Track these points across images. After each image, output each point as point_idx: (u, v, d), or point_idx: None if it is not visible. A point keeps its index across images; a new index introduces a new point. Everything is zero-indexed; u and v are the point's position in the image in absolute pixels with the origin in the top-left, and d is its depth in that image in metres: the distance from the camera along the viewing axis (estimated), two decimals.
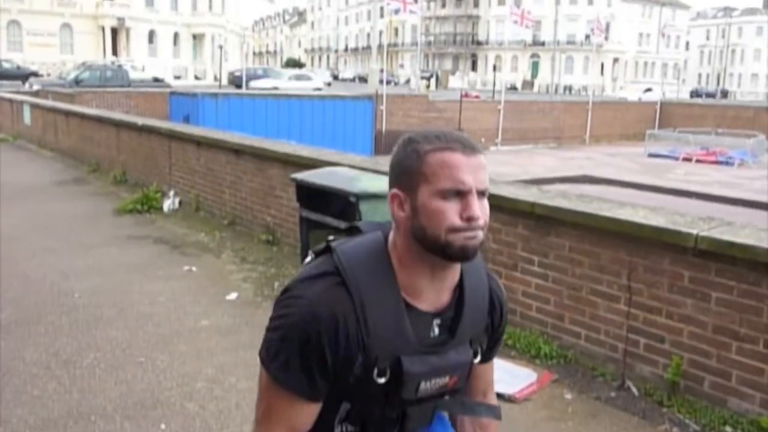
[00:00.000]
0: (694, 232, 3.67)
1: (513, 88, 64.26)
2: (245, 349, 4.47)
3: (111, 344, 4.52)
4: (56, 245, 6.97)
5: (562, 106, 35.96)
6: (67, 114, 14.19)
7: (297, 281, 1.35)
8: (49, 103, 17.16)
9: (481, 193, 1.30)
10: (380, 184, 4.84)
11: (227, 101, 19.40)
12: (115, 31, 55.11)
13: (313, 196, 5.16)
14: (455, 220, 1.28)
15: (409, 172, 1.31)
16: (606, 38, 76.87)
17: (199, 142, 8.77)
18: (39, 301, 5.29)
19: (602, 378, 4.13)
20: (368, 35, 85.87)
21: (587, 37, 73.72)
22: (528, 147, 31.54)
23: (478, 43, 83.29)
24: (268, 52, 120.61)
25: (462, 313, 1.40)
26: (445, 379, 1.39)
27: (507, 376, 4.04)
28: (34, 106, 16.67)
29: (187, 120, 17.82)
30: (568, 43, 76.30)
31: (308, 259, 1.43)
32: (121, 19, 54.43)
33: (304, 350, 1.30)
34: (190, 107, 18.89)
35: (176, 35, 59.41)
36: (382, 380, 1.33)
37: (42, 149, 15.22)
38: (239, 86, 32.80)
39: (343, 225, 4.97)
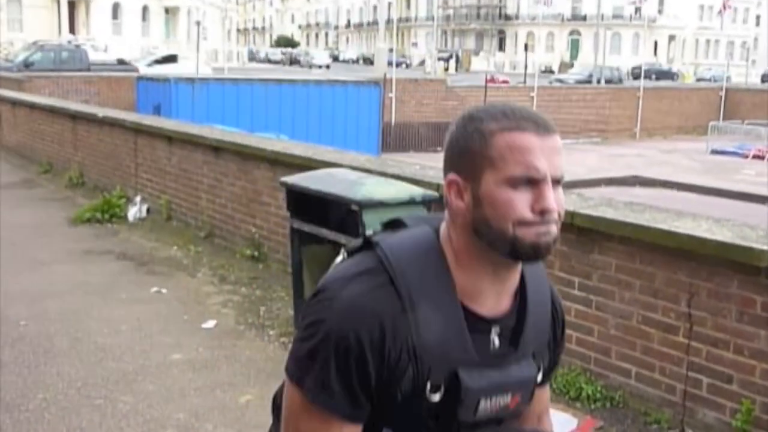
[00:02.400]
0: None
1: (548, 71, 64.26)
2: (224, 389, 4.44)
3: (63, 383, 4.50)
4: None
5: (608, 93, 35.96)
6: (14, 103, 14.26)
7: (331, 280, 1.34)
8: None
9: (556, 182, 1.31)
10: (388, 189, 4.82)
11: (205, 88, 19.49)
12: (72, 5, 55.42)
13: (307, 204, 5.15)
14: (526, 213, 1.29)
15: (470, 155, 1.32)
16: (660, 11, 76.90)
17: (172, 138, 8.78)
18: None
19: (657, 425, 4.10)
20: (375, 8, 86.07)
21: (637, 10, 73.73)
22: (567, 142, 31.46)
23: (507, 18, 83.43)
24: (255, 28, 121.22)
25: (525, 322, 1.41)
26: (506, 398, 1.39)
27: None
28: None
29: (157, 111, 17.88)
30: (615, 17, 76.35)
31: (339, 258, 1.43)
32: None
33: (344, 361, 1.28)
34: (161, 95, 18.96)
35: (145, 9, 59.68)
36: (436, 397, 1.33)
37: None
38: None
39: (343, 239, 4.97)
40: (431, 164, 5.95)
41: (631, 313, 4.24)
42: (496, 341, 1.37)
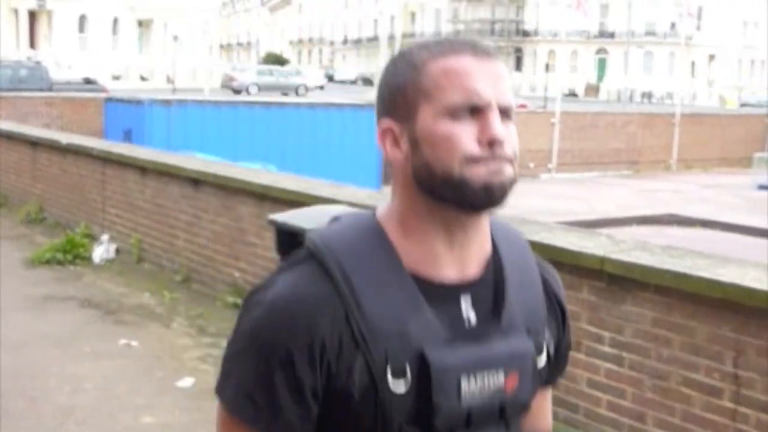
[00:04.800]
0: None
1: (572, 94, 64.74)
2: None
3: None
4: None
5: (640, 119, 36.12)
6: None
7: (263, 280, 1.35)
8: None
9: (504, 112, 1.29)
10: None
11: (183, 110, 19.60)
12: (33, 16, 55.91)
13: (298, 245, 5.16)
14: (472, 146, 1.27)
15: (402, 91, 1.30)
16: (698, 27, 77.55)
17: (145, 169, 8.81)
18: None
19: None
20: (375, 22, 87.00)
21: (673, 26, 74.37)
22: (593, 175, 31.62)
23: (525, 34, 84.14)
24: (239, 44, 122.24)
25: (504, 288, 1.36)
26: (498, 377, 1.31)
27: None
28: None
29: (128, 137, 17.94)
30: (647, 33, 77.02)
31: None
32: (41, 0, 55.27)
33: (267, 367, 1.26)
34: (132, 119, 19.05)
35: (115, 21, 60.20)
36: (401, 387, 1.26)
37: None
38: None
39: None
40: None
41: (669, 374, 4.22)
42: (471, 315, 1.32)
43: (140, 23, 61.83)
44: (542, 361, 1.41)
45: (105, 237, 9.14)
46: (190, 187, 8.03)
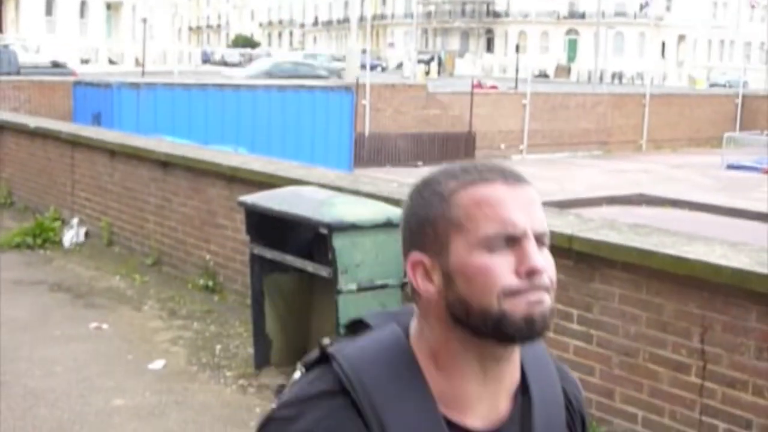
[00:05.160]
0: None
1: (543, 75, 64.83)
2: None
3: None
4: None
5: (610, 100, 36.29)
6: None
7: (283, 406, 1.27)
8: None
9: (539, 240, 1.23)
10: (362, 210, 4.84)
11: (152, 93, 19.45)
12: None
13: (269, 227, 5.16)
14: (510, 279, 1.21)
15: (432, 223, 1.24)
16: (668, 8, 77.89)
17: (114, 152, 8.76)
18: None
19: None
20: (346, 3, 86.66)
21: (642, 7, 74.64)
22: (564, 155, 31.76)
23: (496, 15, 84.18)
24: (209, 26, 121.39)
25: (531, 428, 1.31)
26: None
27: None
28: None
29: (97, 120, 17.80)
30: (617, 14, 77.25)
31: (296, 375, 1.34)
32: None
33: None
34: (101, 102, 18.89)
35: (83, 5, 59.57)
36: None
37: None
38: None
39: (310, 266, 4.98)
40: (411, 181, 5.97)
41: (637, 350, 4.26)
42: None
43: (108, 6, 61.23)
44: None
45: (75, 221, 9.08)
46: (160, 170, 7.99)
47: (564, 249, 4.49)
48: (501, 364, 1.27)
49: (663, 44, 78.59)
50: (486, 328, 1.22)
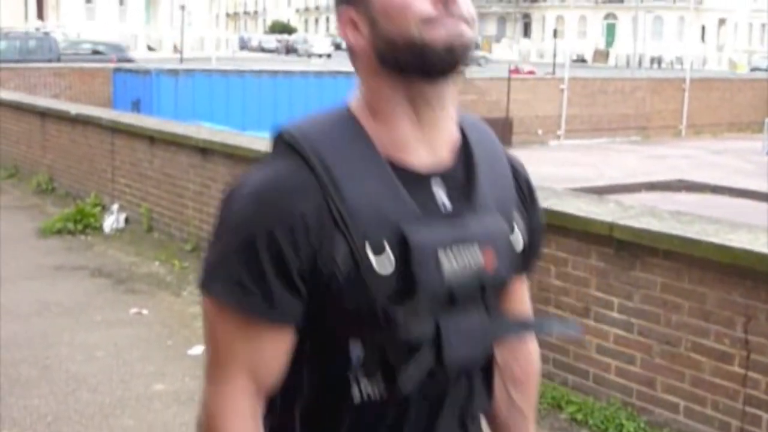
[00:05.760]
0: None
1: (581, 60, 64.29)
2: None
3: (31, 417, 4.50)
4: None
5: (649, 85, 35.90)
6: None
7: (238, 179, 1.39)
8: None
9: None
10: None
11: (191, 79, 19.56)
12: None
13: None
14: (425, 7, 1.31)
15: None
16: None
17: (153, 138, 8.80)
18: None
19: None
20: None
21: None
22: (602, 141, 31.48)
23: (533, 0, 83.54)
24: (246, 12, 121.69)
25: (475, 172, 1.42)
26: (476, 253, 1.36)
27: None
28: None
29: (137, 107, 17.95)
30: None
31: None
32: None
33: (254, 254, 1.30)
34: (141, 89, 19.03)
35: None
36: (382, 264, 1.30)
37: None
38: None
39: None
40: None
41: (679, 339, 4.22)
42: (444, 199, 1.38)
43: None
44: (518, 243, 1.47)
45: (115, 207, 9.15)
46: (199, 157, 8.02)
47: (604, 237, 4.46)
48: (433, 107, 1.37)
49: (703, 28, 77.63)
50: (411, 60, 1.32)
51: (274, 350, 1.35)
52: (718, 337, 4.08)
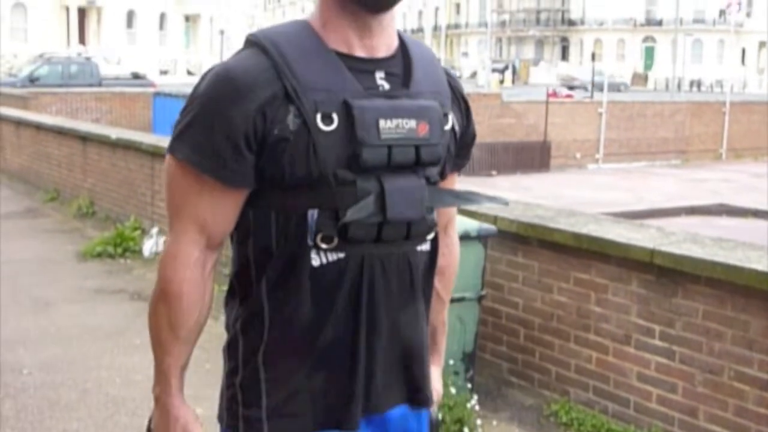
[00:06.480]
0: None
1: (618, 87, 63.89)
2: None
3: None
4: None
5: (689, 108, 35.65)
6: (18, 123, 14.52)
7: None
8: None
9: None
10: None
11: None
12: (82, 12, 56.59)
13: None
14: None
15: None
16: (748, 14, 76.31)
17: None
18: None
19: None
20: (420, 13, 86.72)
21: (721, 13, 73.25)
22: (641, 165, 31.29)
23: (571, 23, 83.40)
24: None
25: (411, 64, 1.69)
26: (411, 123, 1.63)
27: None
28: None
29: None
30: (696, 21, 75.92)
31: None
32: None
33: (211, 124, 1.58)
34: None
35: (163, 17, 60.74)
36: (330, 127, 1.57)
37: None
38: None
39: None
40: (487, 191, 5.92)
41: (721, 368, 4.17)
42: (384, 83, 1.66)
43: (187, 18, 62.32)
44: (450, 127, 1.73)
45: (154, 230, 9.21)
46: None
47: (645, 263, 4.42)
48: (373, 29, 1.66)
49: (743, 51, 76.98)
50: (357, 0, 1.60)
51: (223, 207, 1.65)
52: (762, 365, 4.02)
